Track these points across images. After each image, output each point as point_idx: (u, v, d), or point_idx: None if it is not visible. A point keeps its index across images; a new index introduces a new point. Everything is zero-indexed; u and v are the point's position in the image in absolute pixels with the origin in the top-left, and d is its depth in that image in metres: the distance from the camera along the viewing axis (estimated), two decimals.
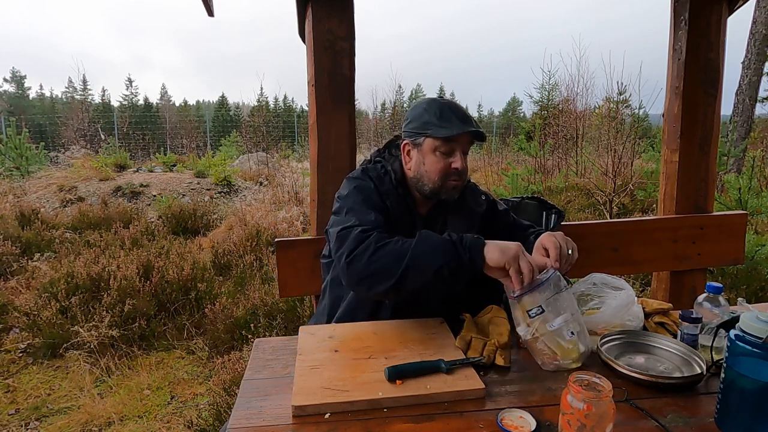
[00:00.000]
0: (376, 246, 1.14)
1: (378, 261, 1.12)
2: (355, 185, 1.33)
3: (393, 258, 1.12)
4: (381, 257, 1.12)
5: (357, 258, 1.14)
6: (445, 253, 1.11)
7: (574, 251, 1.19)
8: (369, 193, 1.31)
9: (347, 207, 1.28)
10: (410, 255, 1.11)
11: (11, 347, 3.13)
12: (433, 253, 1.11)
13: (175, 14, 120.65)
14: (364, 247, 1.14)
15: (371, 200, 1.29)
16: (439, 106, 1.31)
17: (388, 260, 1.12)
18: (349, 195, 1.31)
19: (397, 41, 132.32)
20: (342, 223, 1.23)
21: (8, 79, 39.27)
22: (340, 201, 1.33)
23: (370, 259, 1.13)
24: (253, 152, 11.15)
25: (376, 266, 1.12)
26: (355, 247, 1.15)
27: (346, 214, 1.26)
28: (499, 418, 0.90)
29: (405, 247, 1.12)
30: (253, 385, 1.05)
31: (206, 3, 1.83)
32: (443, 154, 1.30)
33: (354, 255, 1.14)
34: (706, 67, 2.03)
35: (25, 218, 5.58)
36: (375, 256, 1.13)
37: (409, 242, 1.14)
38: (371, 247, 1.14)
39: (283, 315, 3.06)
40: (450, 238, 1.14)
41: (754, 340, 0.82)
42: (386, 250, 1.13)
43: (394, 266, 1.11)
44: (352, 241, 1.16)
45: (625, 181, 6.14)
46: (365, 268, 1.13)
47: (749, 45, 8.00)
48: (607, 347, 1.15)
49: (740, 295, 3.17)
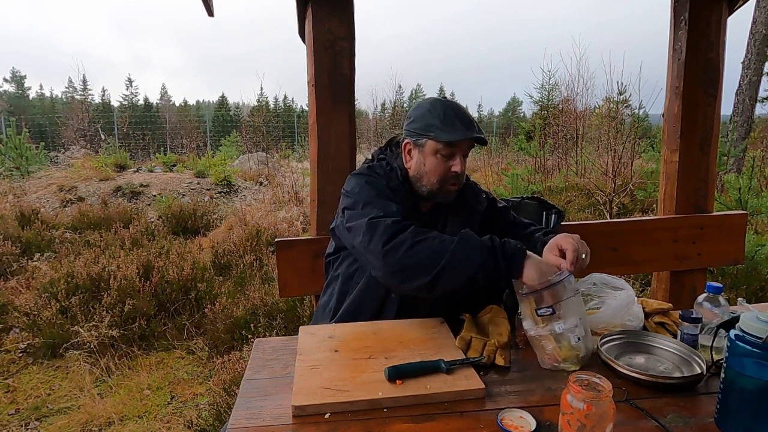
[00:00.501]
0: (414, 240, 1.12)
1: (415, 256, 1.11)
2: (366, 180, 1.32)
3: (430, 256, 1.11)
4: (418, 252, 1.11)
5: (393, 249, 1.12)
6: (484, 259, 1.10)
7: (587, 255, 1.19)
8: (381, 187, 1.30)
9: (364, 200, 1.26)
10: (449, 256, 1.10)
11: (11, 347, 3.13)
12: (472, 256, 1.11)
13: (175, 14, 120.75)
14: (402, 239, 1.13)
15: (385, 194, 1.28)
16: (443, 108, 1.31)
17: (425, 257, 1.11)
18: (362, 189, 1.29)
19: (397, 41, 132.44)
20: (365, 215, 1.20)
21: (8, 79, 39.32)
22: (351, 196, 1.30)
23: (406, 253, 1.12)
24: (253, 152, 11.15)
25: (412, 261, 1.12)
26: (390, 238, 1.13)
27: (364, 207, 1.24)
28: (499, 418, 0.90)
29: (444, 246, 1.11)
30: (253, 385, 1.05)
31: (206, 3, 1.83)
32: (444, 156, 1.30)
33: (391, 246, 1.13)
34: (706, 67, 2.03)
35: (25, 218, 5.58)
36: (412, 251, 1.12)
37: (449, 241, 1.13)
38: (408, 240, 1.12)
39: (283, 315, 3.06)
40: (492, 243, 1.13)
41: (754, 340, 0.82)
42: (424, 245, 1.12)
43: (431, 264, 1.10)
44: (386, 231, 1.14)
45: (625, 181, 6.14)
46: (401, 261, 1.12)
47: (749, 45, 8.00)
48: (607, 347, 1.15)
49: (740, 295, 3.17)
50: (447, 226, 1.41)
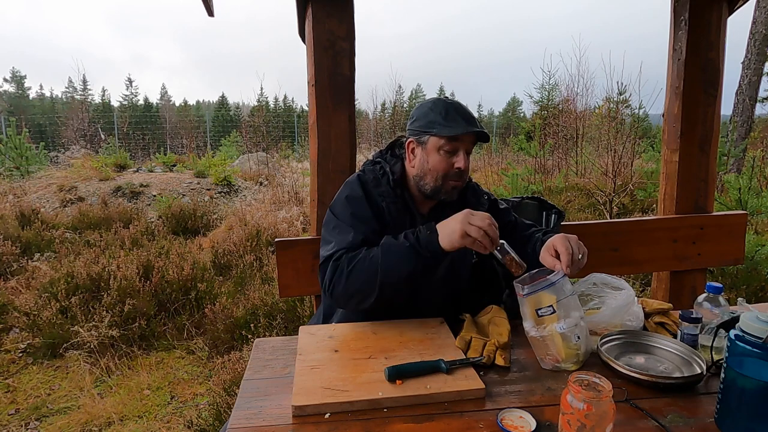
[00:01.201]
0: (348, 270, 1.20)
1: (353, 283, 1.20)
2: (347, 195, 1.36)
3: (365, 277, 1.19)
4: (355, 279, 1.20)
5: (335, 286, 1.22)
6: (409, 260, 1.18)
7: (584, 256, 1.19)
8: (357, 202, 1.34)
9: (334, 222, 1.33)
10: (380, 271, 1.17)
11: (11, 347, 3.13)
12: (398, 263, 1.18)
13: (175, 14, 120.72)
14: (338, 273, 1.22)
15: (357, 213, 1.32)
16: (445, 105, 1.33)
17: (362, 280, 1.19)
18: (340, 208, 1.35)
19: (398, 41, 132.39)
20: (324, 249, 1.30)
21: (8, 79, 39.33)
22: (330, 213, 1.37)
23: (346, 284, 1.21)
24: (253, 152, 11.14)
25: (353, 288, 1.21)
26: (331, 276, 1.22)
27: (332, 231, 1.32)
28: (499, 418, 0.90)
29: (374, 263, 1.19)
30: (253, 385, 1.05)
31: (206, 3, 1.83)
32: (447, 153, 1.31)
33: (332, 283, 1.22)
34: (706, 67, 2.02)
35: (25, 218, 5.58)
36: (350, 280, 1.20)
37: (375, 255, 1.20)
38: (344, 271, 1.21)
39: (283, 315, 3.06)
40: (408, 241, 1.19)
41: (754, 340, 0.82)
42: (357, 269, 1.20)
43: (370, 284, 1.19)
44: (329, 272, 1.23)
45: (625, 181, 6.15)
46: (344, 292, 1.22)
47: (749, 45, 8.00)
48: (607, 347, 1.15)
49: (740, 295, 3.17)
50: None
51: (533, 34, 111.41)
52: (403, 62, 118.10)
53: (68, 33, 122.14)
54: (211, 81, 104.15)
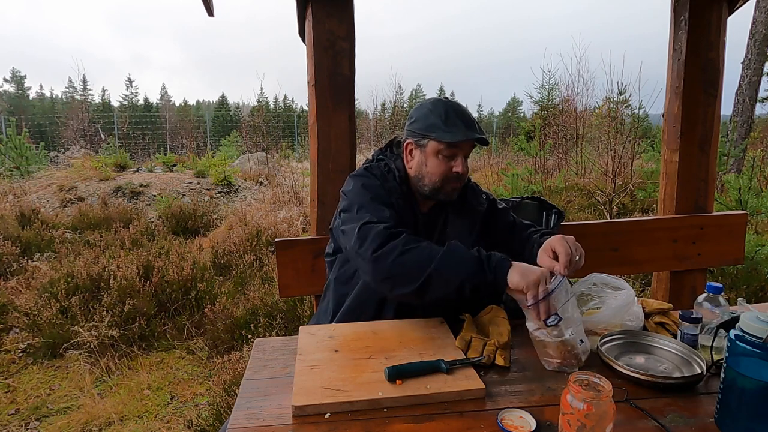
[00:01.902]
0: (403, 248, 1.14)
1: (403, 264, 1.13)
2: (362, 183, 1.33)
3: (418, 264, 1.12)
4: (406, 261, 1.13)
5: (383, 257, 1.14)
6: (469, 269, 1.11)
7: (581, 258, 1.18)
8: (377, 190, 1.31)
9: (358, 204, 1.27)
10: (435, 265, 1.11)
11: (11, 347, 3.13)
12: (458, 266, 1.12)
13: (175, 14, 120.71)
14: (391, 246, 1.14)
15: (380, 197, 1.29)
16: (445, 108, 1.31)
17: (413, 265, 1.12)
18: (358, 192, 1.30)
19: (398, 41, 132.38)
20: (358, 219, 1.22)
21: (8, 79, 39.33)
22: (347, 198, 1.32)
23: (395, 261, 1.13)
24: (253, 152, 11.14)
25: (400, 269, 1.13)
26: (380, 245, 1.15)
27: (359, 211, 1.25)
28: (499, 418, 0.90)
29: (431, 255, 1.13)
30: (253, 385, 1.05)
31: (206, 3, 1.83)
32: (446, 157, 1.30)
33: (380, 253, 1.14)
34: (706, 67, 2.02)
35: (25, 218, 5.58)
36: (401, 259, 1.13)
37: (436, 251, 1.14)
38: (398, 248, 1.14)
39: (283, 315, 3.06)
40: (479, 254, 1.14)
41: (754, 340, 0.82)
42: (413, 254, 1.13)
43: (418, 273, 1.12)
44: (377, 238, 1.16)
45: (625, 181, 6.14)
46: (389, 268, 1.14)
47: (749, 45, 8.00)
48: (607, 347, 1.15)
49: (740, 295, 3.17)
50: (447, 226, 1.41)
51: (533, 34, 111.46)
52: (403, 62, 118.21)
53: (68, 33, 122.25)
54: (211, 81, 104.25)
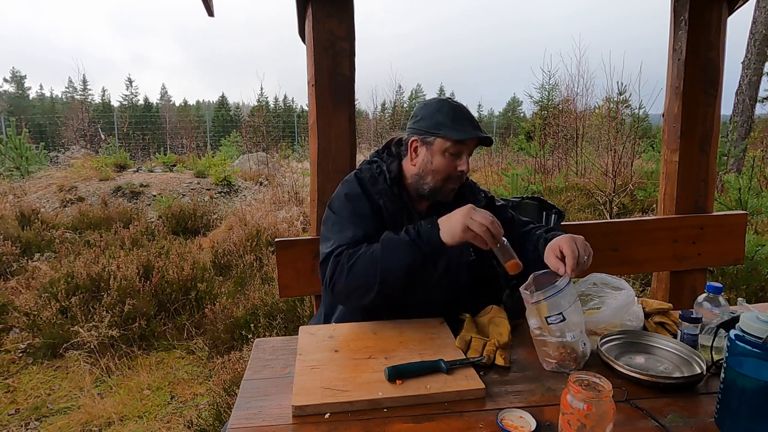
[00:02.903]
0: (349, 265, 1.20)
1: (354, 278, 1.20)
2: (346, 192, 1.37)
3: (366, 272, 1.18)
4: (355, 274, 1.19)
5: (336, 281, 1.22)
6: (409, 254, 1.17)
7: (590, 258, 1.18)
8: (357, 199, 1.35)
9: (332, 219, 1.34)
10: (380, 266, 1.17)
11: (11, 347, 3.13)
12: (398, 257, 1.18)
13: (175, 14, 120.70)
14: (339, 269, 1.21)
15: (357, 210, 1.33)
16: (451, 107, 1.34)
17: (363, 275, 1.19)
18: (339, 205, 1.36)
19: (398, 41, 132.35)
20: (325, 242, 1.30)
21: (8, 79, 39.33)
22: (330, 210, 1.38)
23: (346, 279, 1.20)
24: (253, 152, 11.13)
25: (354, 283, 1.20)
26: (332, 272, 1.22)
27: (331, 228, 1.32)
28: (499, 418, 0.90)
29: (374, 258, 1.19)
30: (253, 385, 1.05)
31: (206, 3, 1.83)
32: (452, 155, 1.32)
33: (333, 280, 1.22)
34: (706, 67, 2.02)
35: (25, 218, 5.57)
36: (350, 276, 1.20)
37: (375, 251, 1.20)
38: (345, 267, 1.20)
39: (283, 315, 3.06)
40: (408, 236, 1.19)
41: (754, 340, 0.82)
42: (358, 265, 1.19)
43: (370, 279, 1.18)
44: (329, 268, 1.23)
45: (625, 181, 6.14)
46: (345, 288, 1.21)
47: (749, 45, 8.00)
48: (607, 347, 1.15)
49: (740, 295, 3.17)
50: None
51: (533, 34, 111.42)
52: (403, 62, 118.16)
53: (68, 33, 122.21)
54: (211, 81, 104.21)
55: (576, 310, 1.09)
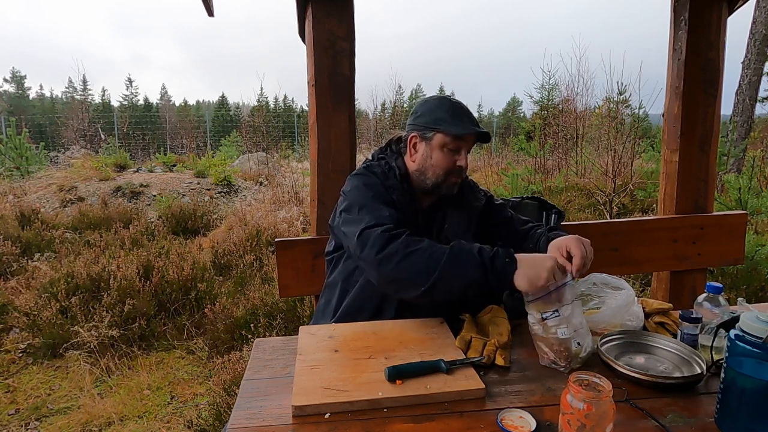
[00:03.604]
0: (406, 251, 1.14)
1: (407, 268, 1.13)
2: (363, 181, 1.34)
3: (422, 268, 1.12)
4: (410, 265, 1.13)
5: (385, 261, 1.14)
6: (474, 275, 1.11)
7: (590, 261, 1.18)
8: (377, 188, 1.32)
9: (359, 204, 1.27)
10: (440, 270, 1.11)
11: (11, 347, 3.13)
12: (461, 272, 1.12)
13: (175, 14, 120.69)
14: (393, 249, 1.14)
15: (381, 196, 1.30)
16: (451, 104, 1.35)
17: (417, 269, 1.13)
18: (359, 191, 1.31)
19: (398, 41, 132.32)
20: (358, 222, 1.22)
21: (8, 79, 39.32)
22: (348, 198, 1.32)
23: (398, 265, 1.13)
24: (253, 152, 11.13)
25: (404, 273, 1.13)
26: (381, 248, 1.15)
27: (359, 212, 1.25)
28: (499, 418, 0.90)
29: (435, 259, 1.12)
30: (253, 385, 1.05)
31: (206, 3, 1.83)
32: (451, 150, 1.33)
33: (383, 256, 1.14)
34: (706, 67, 2.02)
35: (25, 218, 5.57)
36: (404, 263, 1.13)
37: (439, 253, 1.13)
38: (400, 251, 1.14)
39: (283, 315, 3.06)
40: (481, 257, 1.12)
41: (754, 340, 0.82)
42: (415, 257, 1.13)
43: (422, 277, 1.12)
44: (377, 241, 1.16)
45: (625, 181, 6.14)
46: (393, 272, 1.14)
47: (749, 45, 8.00)
48: (607, 347, 1.15)
49: (740, 295, 3.17)
50: (446, 222, 1.43)
51: (533, 34, 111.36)
52: (403, 62, 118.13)
53: (68, 33, 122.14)
54: (211, 81, 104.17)
55: (573, 309, 1.09)
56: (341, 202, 1.35)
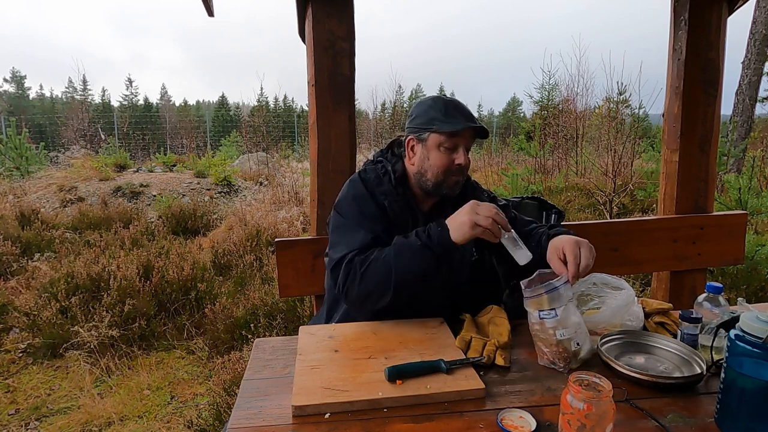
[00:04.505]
0: (361, 272, 1.21)
1: (368, 284, 1.20)
2: (353, 194, 1.36)
3: (379, 278, 1.19)
4: (369, 280, 1.19)
5: (349, 289, 1.22)
6: (422, 258, 1.18)
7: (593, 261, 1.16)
8: (363, 201, 1.34)
9: (340, 225, 1.33)
10: (394, 271, 1.17)
11: (11, 347, 3.13)
12: (412, 262, 1.18)
13: (175, 14, 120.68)
14: (352, 276, 1.21)
15: (365, 211, 1.32)
16: (444, 103, 1.34)
17: (376, 281, 1.19)
18: (347, 208, 1.35)
19: (398, 41, 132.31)
20: (334, 251, 1.29)
21: (8, 79, 39.33)
22: (336, 214, 1.37)
23: (359, 286, 1.20)
24: (253, 152, 11.14)
25: (368, 289, 1.20)
26: (345, 279, 1.22)
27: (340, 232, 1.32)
28: (499, 418, 0.90)
29: (387, 263, 1.19)
30: (253, 385, 1.05)
31: (206, 3, 1.83)
32: (447, 149, 1.32)
33: (346, 287, 1.22)
34: (706, 67, 2.02)
35: (25, 218, 5.57)
36: (363, 281, 1.20)
37: (387, 256, 1.19)
38: (357, 274, 1.20)
39: (283, 315, 3.06)
40: (419, 239, 1.19)
41: (754, 340, 0.82)
42: (371, 271, 1.19)
43: (384, 285, 1.18)
44: (341, 275, 1.23)
45: (625, 181, 6.14)
46: (359, 294, 1.22)
47: (749, 45, 8.00)
48: (607, 347, 1.15)
49: (740, 295, 3.17)
50: None
51: (533, 34, 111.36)
52: (403, 62, 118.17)
53: (68, 33, 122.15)
54: (211, 81, 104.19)
55: (571, 310, 1.09)
56: (333, 214, 1.39)
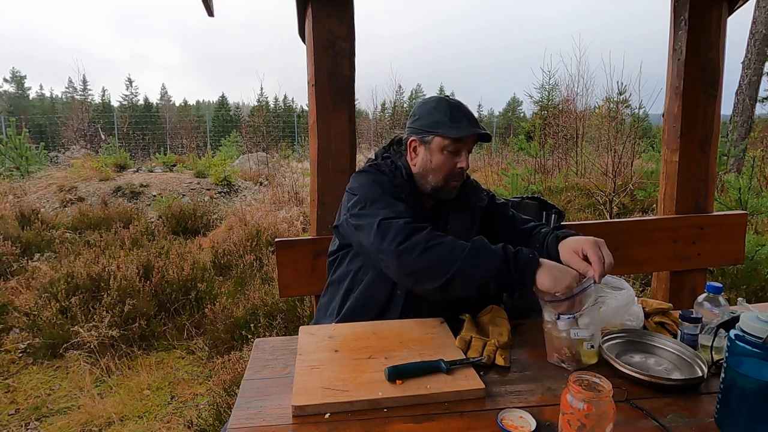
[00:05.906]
0: (427, 244, 1.13)
1: (427, 261, 1.13)
2: (373, 179, 1.33)
3: (442, 261, 1.12)
4: (431, 257, 1.13)
5: (407, 252, 1.14)
6: (495, 269, 1.10)
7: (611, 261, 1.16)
8: (387, 185, 1.31)
9: (371, 199, 1.26)
10: (460, 263, 1.11)
11: (11, 347, 3.13)
12: (483, 266, 1.11)
13: (175, 14, 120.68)
14: (416, 241, 1.14)
15: (391, 193, 1.29)
16: (449, 105, 1.34)
17: (437, 262, 1.12)
18: (368, 188, 1.30)
19: (398, 41, 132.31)
20: (375, 215, 1.21)
21: (8, 79, 39.33)
22: (357, 194, 1.31)
23: (419, 257, 1.13)
24: (253, 152, 11.14)
25: (424, 265, 1.13)
26: (404, 239, 1.14)
27: (373, 206, 1.24)
28: (499, 418, 0.90)
29: (456, 253, 1.12)
30: (253, 385, 1.05)
31: (206, 3, 1.83)
32: (451, 153, 1.32)
33: (405, 247, 1.14)
34: (706, 67, 2.02)
35: (25, 218, 5.57)
36: (425, 255, 1.13)
37: (461, 248, 1.13)
38: (422, 243, 1.13)
39: (283, 315, 3.06)
40: (504, 253, 1.12)
41: (754, 340, 0.82)
42: (437, 251, 1.13)
43: (442, 270, 1.12)
44: (400, 232, 1.15)
45: (625, 181, 6.14)
46: (414, 264, 1.13)
47: (749, 45, 8.00)
48: (608, 347, 1.15)
49: (740, 295, 3.17)
50: (449, 223, 1.42)
51: (533, 34, 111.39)
52: (403, 62, 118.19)
53: (68, 33, 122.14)
54: (211, 81, 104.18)
55: (591, 312, 1.09)
56: (349, 199, 1.33)
